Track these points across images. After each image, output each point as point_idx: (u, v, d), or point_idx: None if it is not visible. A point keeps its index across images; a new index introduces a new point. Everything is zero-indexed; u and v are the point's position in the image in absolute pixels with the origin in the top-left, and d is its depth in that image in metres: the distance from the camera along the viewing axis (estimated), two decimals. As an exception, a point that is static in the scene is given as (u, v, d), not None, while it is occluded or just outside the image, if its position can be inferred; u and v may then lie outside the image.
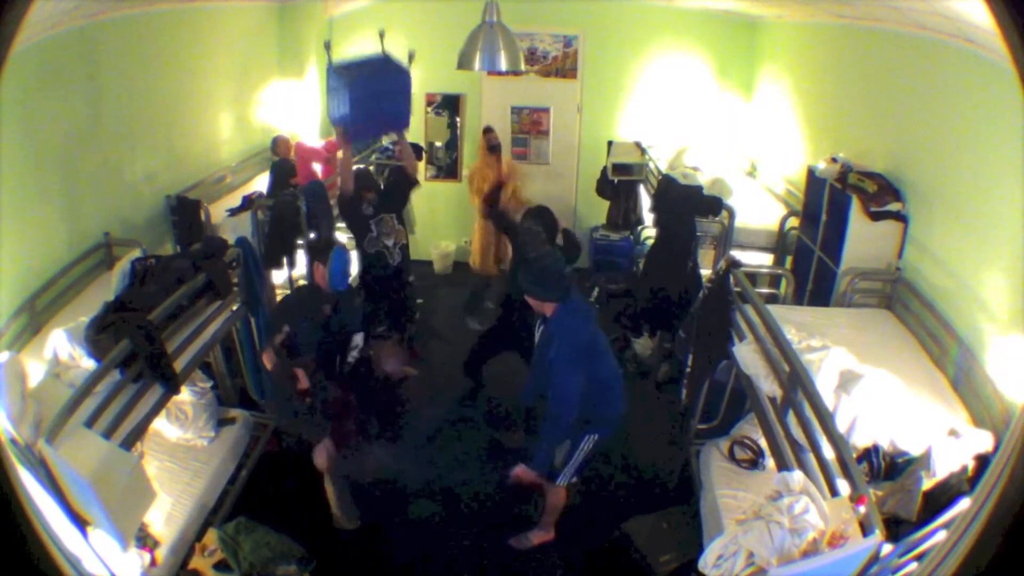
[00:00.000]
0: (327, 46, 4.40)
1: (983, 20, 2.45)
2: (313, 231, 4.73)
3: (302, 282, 4.70)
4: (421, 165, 6.51)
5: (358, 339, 3.82)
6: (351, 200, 4.64)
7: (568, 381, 3.20)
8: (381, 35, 4.47)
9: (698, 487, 3.90)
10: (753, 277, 4.21)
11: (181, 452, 3.83)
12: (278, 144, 5.77)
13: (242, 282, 3.93)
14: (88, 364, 2.87)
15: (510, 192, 5.65)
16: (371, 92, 4.27)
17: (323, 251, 3.60)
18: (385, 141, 6.38)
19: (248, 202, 4.86)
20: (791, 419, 2.76)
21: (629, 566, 3.70)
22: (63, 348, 2.96)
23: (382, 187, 4.93)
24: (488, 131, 5.99)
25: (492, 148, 5.87)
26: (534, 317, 3.60)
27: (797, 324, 3.34)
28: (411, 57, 4.43)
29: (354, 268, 5.19)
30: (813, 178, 4.29)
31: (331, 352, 3.71)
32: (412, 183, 4.94)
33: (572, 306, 3.28)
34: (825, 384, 2.69)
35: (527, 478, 3.52)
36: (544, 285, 3.25)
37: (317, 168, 5.81)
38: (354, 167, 4.83)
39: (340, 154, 4.67)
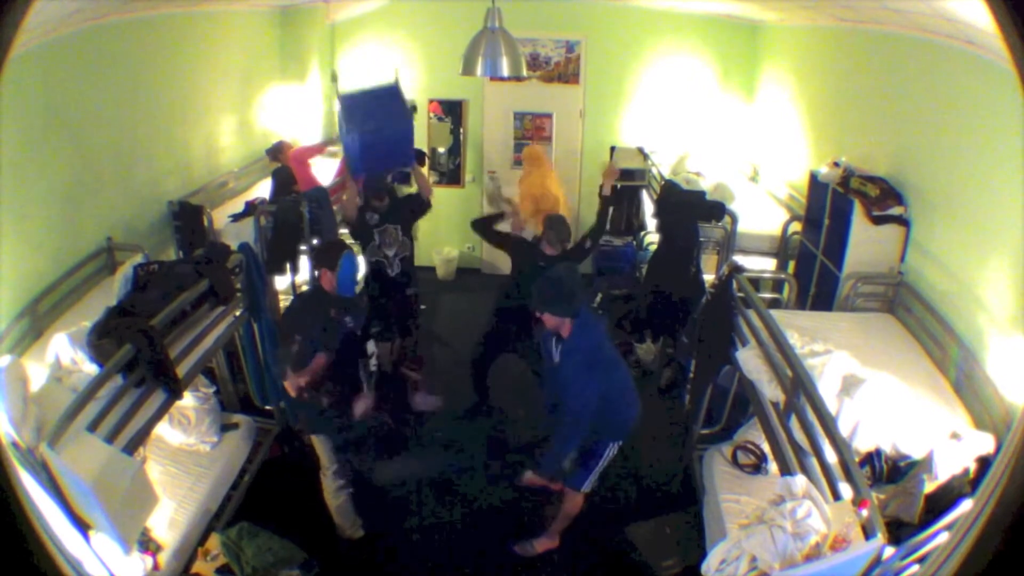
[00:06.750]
0: (334, 78, 4.53)
1: (984, 22, 2.46)
2: (316, 237, 4.74)
3: (304, 288, 4.69)
4: (424, 171, 6.52)
5: (371, 346, 3.82)
6: (358, 208, 4.68)
7: (584, 392, 3.17)
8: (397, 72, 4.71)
9: (701, 492, 3.89)
10: (756, 282, 4.21)
11: (184, 457, 3.83)
12: (279, 150, 5.75)
13: (245, 288, 3.94)
14: (90, 369, 2.88)
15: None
16: (376, 137, 4.43)
17: (331, 256, 3.56)
18: None
19: (250, 208, 4.86)
20: (794, 423, 2.75)
21: (632, 571, 3.69)
22: (65, 352, 2.96)
23: (392, 197, 4.92)
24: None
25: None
26: (528, 321, 3.55)
27: (800, 328, 3.34)
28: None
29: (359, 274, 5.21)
30: (815, 183, 4.29)
31: (347, 357, 3.70)
32: (425, 205, 4.93)
33: (584, 319, 3.24)
34: (828, 388, 2.69)
35: (537, 483, 3.51)
36: (565, 301, 3.16)
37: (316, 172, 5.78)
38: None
39: (347, 189, 4.75)
